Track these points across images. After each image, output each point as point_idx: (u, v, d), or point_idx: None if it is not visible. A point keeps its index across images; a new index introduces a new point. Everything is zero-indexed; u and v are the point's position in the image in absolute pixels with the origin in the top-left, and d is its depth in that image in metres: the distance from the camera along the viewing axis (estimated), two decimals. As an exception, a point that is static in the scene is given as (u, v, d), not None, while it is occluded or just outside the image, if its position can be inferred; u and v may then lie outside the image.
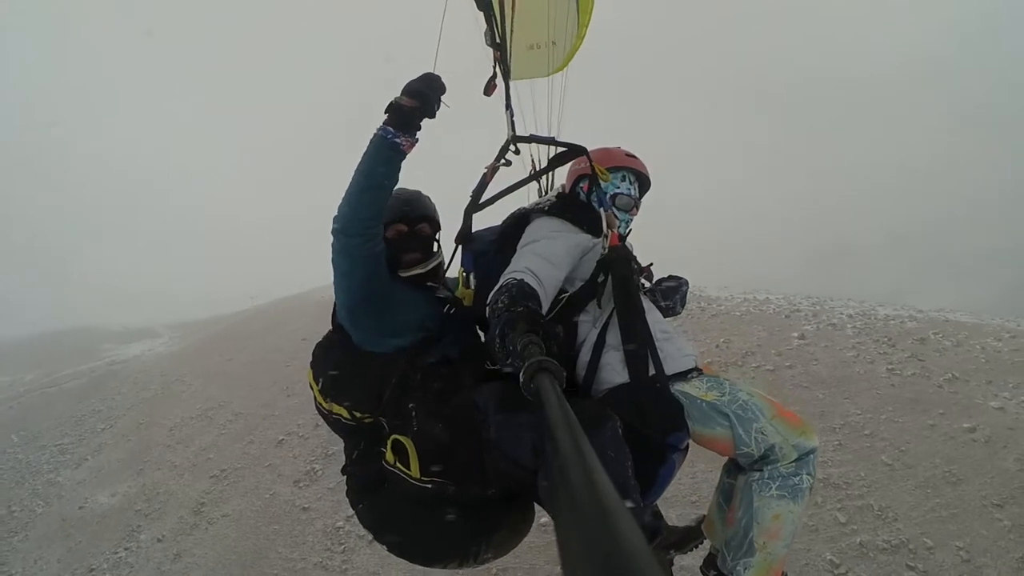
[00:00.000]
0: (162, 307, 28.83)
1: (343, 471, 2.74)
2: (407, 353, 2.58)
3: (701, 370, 2.73)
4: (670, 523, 3.20)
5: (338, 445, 8.61)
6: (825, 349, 8.81)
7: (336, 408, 2.63)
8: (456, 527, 2.40)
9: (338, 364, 2.67)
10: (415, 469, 2.35)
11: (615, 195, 3.05)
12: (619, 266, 2.67)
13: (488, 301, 2.41)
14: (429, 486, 2.34)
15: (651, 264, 3.19)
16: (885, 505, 5.51)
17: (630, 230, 3.14)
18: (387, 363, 2.57)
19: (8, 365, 19.43)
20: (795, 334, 9.46)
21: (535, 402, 1.17)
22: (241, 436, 10.03)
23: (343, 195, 2.46)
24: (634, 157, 3.15)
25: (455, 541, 2.47)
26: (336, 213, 2.46)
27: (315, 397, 2.73)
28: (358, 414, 2.60)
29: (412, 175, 2.73)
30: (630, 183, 3.11)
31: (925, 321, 9.58)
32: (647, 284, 3.11)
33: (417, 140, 2.50)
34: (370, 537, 6.13)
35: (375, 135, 2.44)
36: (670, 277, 3.28)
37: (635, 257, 3.02)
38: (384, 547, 2.60)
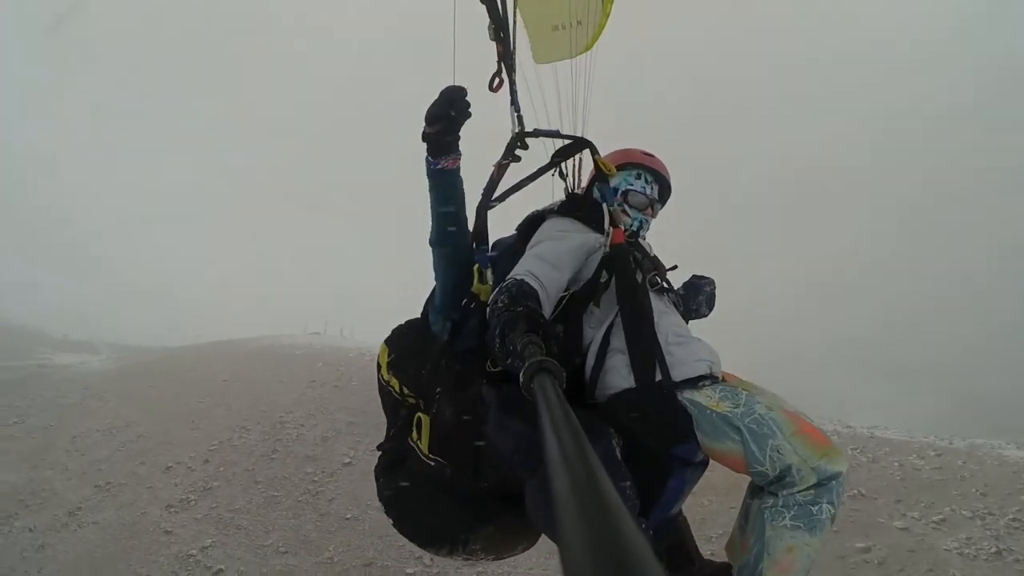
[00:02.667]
0: (113, 327, 29.28)
1: (378, 447, 2.81)
2: (448, 340, 2.66)
3: (717, 378, 2.50)
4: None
5: (219, 481, 9.60)
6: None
7: (393, 382, 2.73)
8: (450, 512, 2.47)
9: (408, 344, 2.80)
10: (425, 445, 2.47)
11: (627, 191, 2.93)
12: (621, 264, 2.55)
13: (488, 301, 2.39)
14: (432, 464, 2.44)
15: (675, 266, 3.00)
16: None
17: (644, 230, 3.02)
18: (442, 350, 2.67)
19: None
20: None
21: (535, 402, 1.14)
22: (135, 456, 10.84)
23: (430, 215, 2.73)
24: (652, 156, 3.05)
25: (446, 525, 2.51)
26: (430, 230, 2.73)
27: (380, 370, 2.84)
28: (406, 391, 2.69)
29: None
30: (646, 182, 2.97)
31: (847, 436, 9.81)
32: (663, 284, 2.83)
33: (459, 154, 2.64)
34: (214, 568, 7.20)
35: (426, 167, 2.66)
36: (693, 277, 3.11)
37: (652, 257, 2.92)
38: (391, 522, 2.67)
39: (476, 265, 2.72)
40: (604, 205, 2.78)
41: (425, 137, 2.61)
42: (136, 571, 7.49)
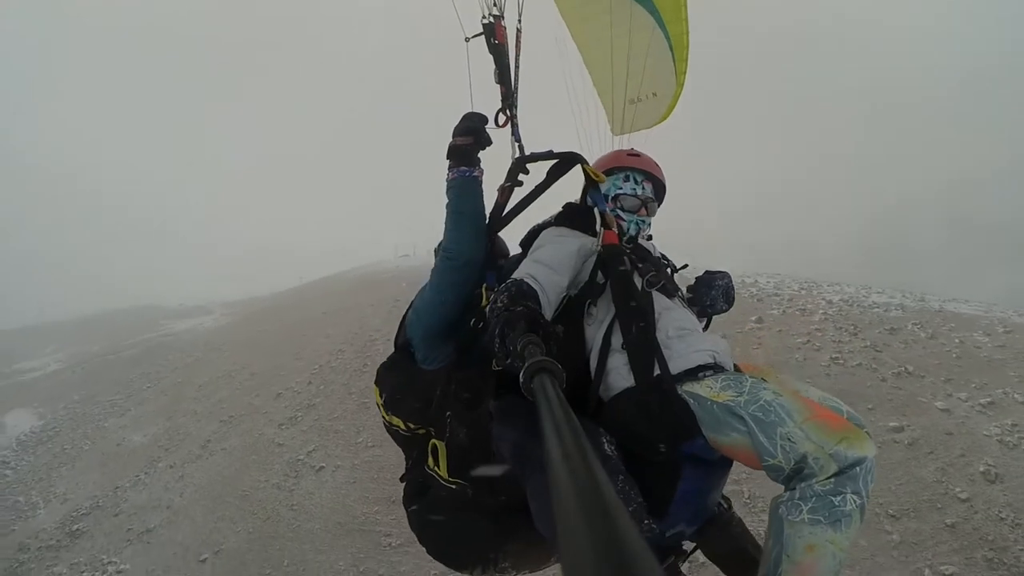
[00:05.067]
0: (224, 286, 31.63)
1: (401, 479, 2.81)
2: (447, 367, 2.62)
3: (721, 367, 2.38)
4: None
5: (320, 397, 10.47)
6: (777, 334, 8.99)
7: (395, 420, 2.72)
8: (475, 531, 2.46)
9: (397, 382, 2.77)
10: (444, 469, 2.47)
11: (618, 196, 2.92)
12: (614, 264, 2.52)
13: (488, 302, 2.39)
14: (454, 487, 2.46)
15: (685, 265, 3.03)
16: (757, 494, 5.69)
17: (640, 230, 2.96)
18: (436, 378, 2.63)
19: (79, 337, 22.46)
20: (754, 318, 9.64)
21: (535, 402, 1.13)
22: (251, 391, 11.94)
23: (446, 235, 2.69)
24: (638, 156, 3.03)
25: (474, 545, 2.50)
26: (446, 248, 2.66)
27: (379, 410, 2.85)
28: (412, 425, 2.68)
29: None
30: (635, 183, 2.94)
31: (913, 310, 9.21)
32: (665, 282, 2.70)
33: (482, 168, 2.72)
34: (316, 467, 8.00)
35: (452, 179, 2.66)
36: (705, 272, 3.03)
37: (657, 257, 2.90)
38: (424, 550, 2.69)
39: (484, 285, 2.72)
40: (596, 209, 2.75)
41: (455, 149, 2.65)
42: (256, 479, 8.51)
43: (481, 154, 2.75)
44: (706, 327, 2.95)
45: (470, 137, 2.65)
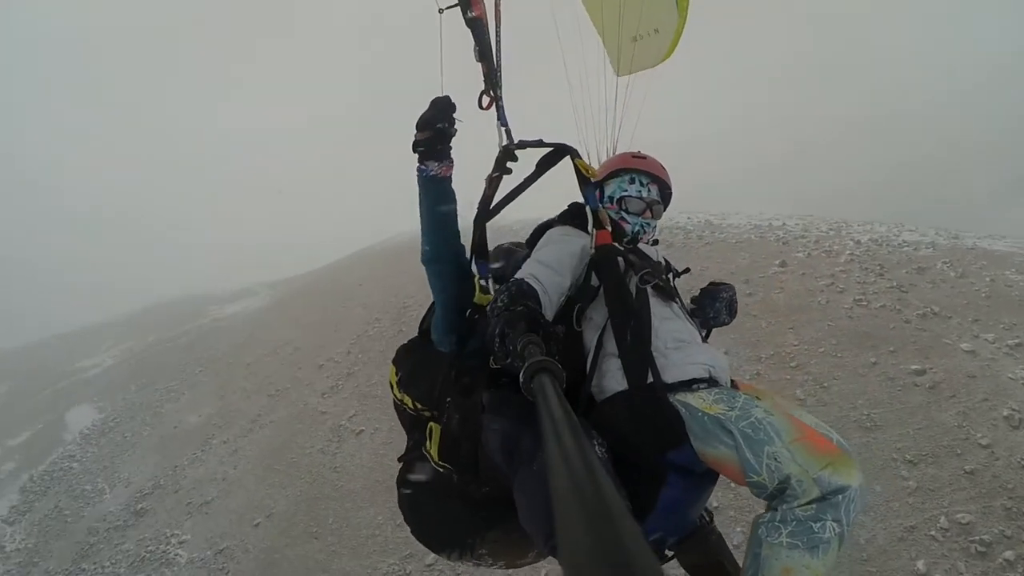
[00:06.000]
0: (266, 265, 32.43)
1: (399, 459, 2.82)
2: (453, 352, 2.64)
3: (716, 381, 2.36)
4: None
5: (359, 366, 10.69)
6: (801, 277, 8.72)
7: (405, 399, 2.74)
8: (457, 516, 2.50)
9: (413, 362, 2.80)
10: (435, 452, 2.49)
11: (623, 198, 2.91)
12: (607, 266, 2.49)
13: (481, 292, 2.41)
14: (441, 471, 2.49)
15: (686, 270, 3.00)
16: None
17: (645, 233, 2.95)
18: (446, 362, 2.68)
19: (133, 332, 23.38)
20: (777, 261, 9.39)
21: (535, 402, 1.13)
22: (295, 364, 12.29)
23: (421, 233, 2.65)
24: (644, 158, 3.00)
25: (454, 530, 2.54)
26: (421, 250, 2.64)
27: (392, 388, 2.85)
28: (419, 406, 2.69)
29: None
30: (641, 184, 2.93)
31: (945, 248, 8.78)
32: (662, 285, 2.65)
33: (451, 161, 2.58)
34: (357, 430, 8.22)
35: (417, 175, 2.59)
36: (710, 284, 3.00)
37: (658, 262, 2.83)
38: (409, 529, 2.71)
39: (477, 277, 2.70)
40: (587, 208, 2.65)
41: (417, 145, 2.56)
42: (302, 446, 8.86)
43: (467, 140, 2.63)
44: (706, 338, 2.91)
45: (427, 131, 2.53)
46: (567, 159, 2.67)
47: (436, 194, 2.58)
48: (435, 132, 2.52)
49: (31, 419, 15.81)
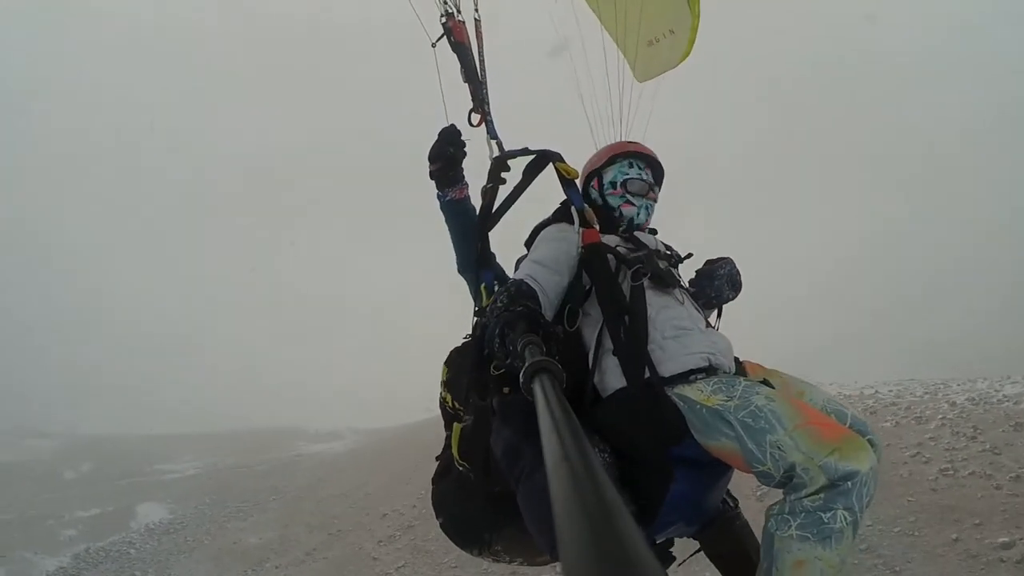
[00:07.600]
0: (354, 410, 33.48)
1: (436, 458, 2.88)
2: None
3: (715, 370, 2.33)
4: None
5: (420, 520, 10.83)
6: (885, 449, 7.81)
7: (447, 396, 2.81)
8: (476, 512, 2.53)
9: (463, 363, 2.80)
10: (455, 451, 2.55)
11: (626, 180, 2.92)
12: (597, 264, 2.46)
13: (487, 301, 2.41)
14: (461, 469, 2.53)
15: (690, 254, 2.93)
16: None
17: (649, 217, 2.99)
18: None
19: (216, 449, 24.60)
20: None
21: (534, 402, 1.10)
22: (362, 509, 12.55)
23: (452, 248, 3.00)
24: (635, 143, 3.08)
25: (474, 526, 2.58)
26: (456, 262, 3.02)
27: (441, 389, 2.90)
28: (458, 405, 2.74)
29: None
30: (639, 168, 2.96)
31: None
32: (661, 275, 2.57)
33: (465, 183, 2.89)
34: None
35: (437, 201, 2.94)
36: (705, 263, 2.95)
37: (657, 249, 2.78)
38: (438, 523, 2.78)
39: (483, 284, 2.82)
40: (572, 208, 2.67)
41: (431, 175, 2.89)
42: None
43: (471, 158, 2.92)
44: (718, 316, 2.95)
45: (437, 162, 2.83)
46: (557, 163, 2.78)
47: (456, 215, 2.92)
48: (445, 161, 2.81)
49: (104, 500, 16.65)
